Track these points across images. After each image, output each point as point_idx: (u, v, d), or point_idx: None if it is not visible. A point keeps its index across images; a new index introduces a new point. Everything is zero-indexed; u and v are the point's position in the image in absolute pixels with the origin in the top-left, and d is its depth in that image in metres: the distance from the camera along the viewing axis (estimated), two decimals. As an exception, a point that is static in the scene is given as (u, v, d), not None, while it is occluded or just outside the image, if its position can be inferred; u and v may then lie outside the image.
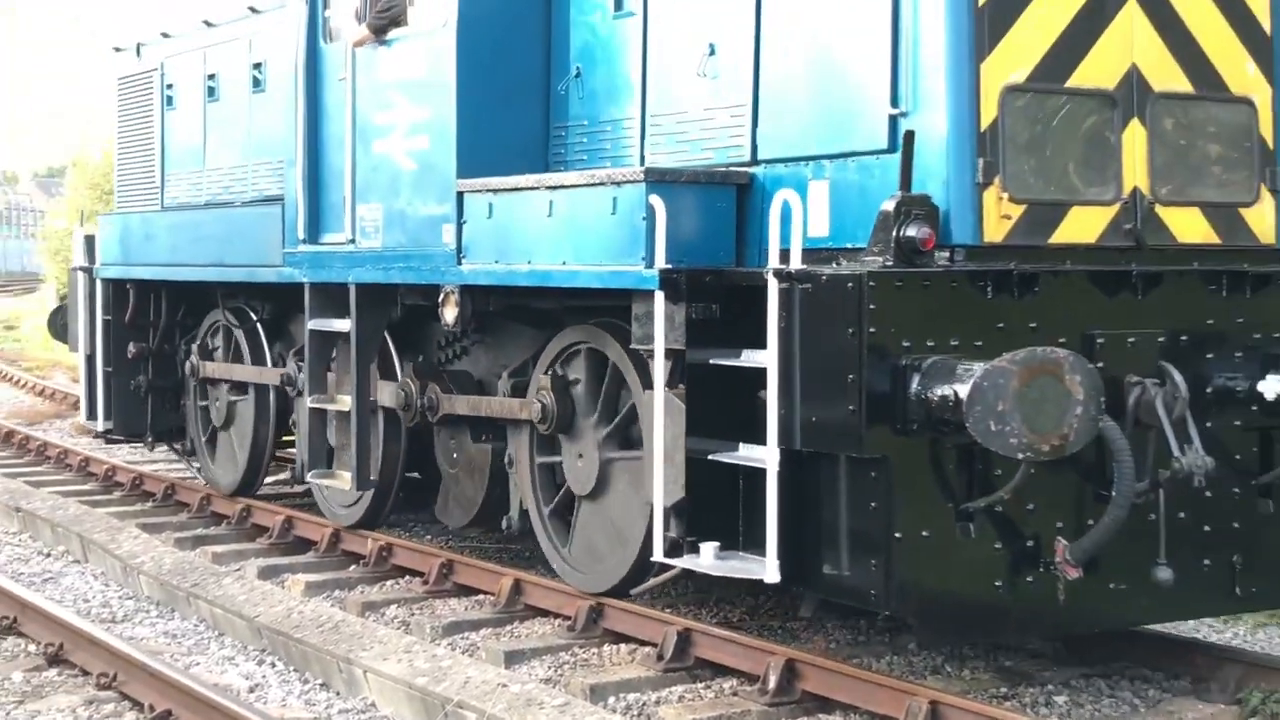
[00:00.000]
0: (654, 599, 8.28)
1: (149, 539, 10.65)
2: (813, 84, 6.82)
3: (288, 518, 10.65)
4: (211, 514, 11.60)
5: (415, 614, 8.61)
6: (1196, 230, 6.74)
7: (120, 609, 9.36)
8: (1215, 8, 6.75)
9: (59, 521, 11.44)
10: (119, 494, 12.91)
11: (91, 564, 10.66)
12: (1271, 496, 6.96)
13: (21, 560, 10.83)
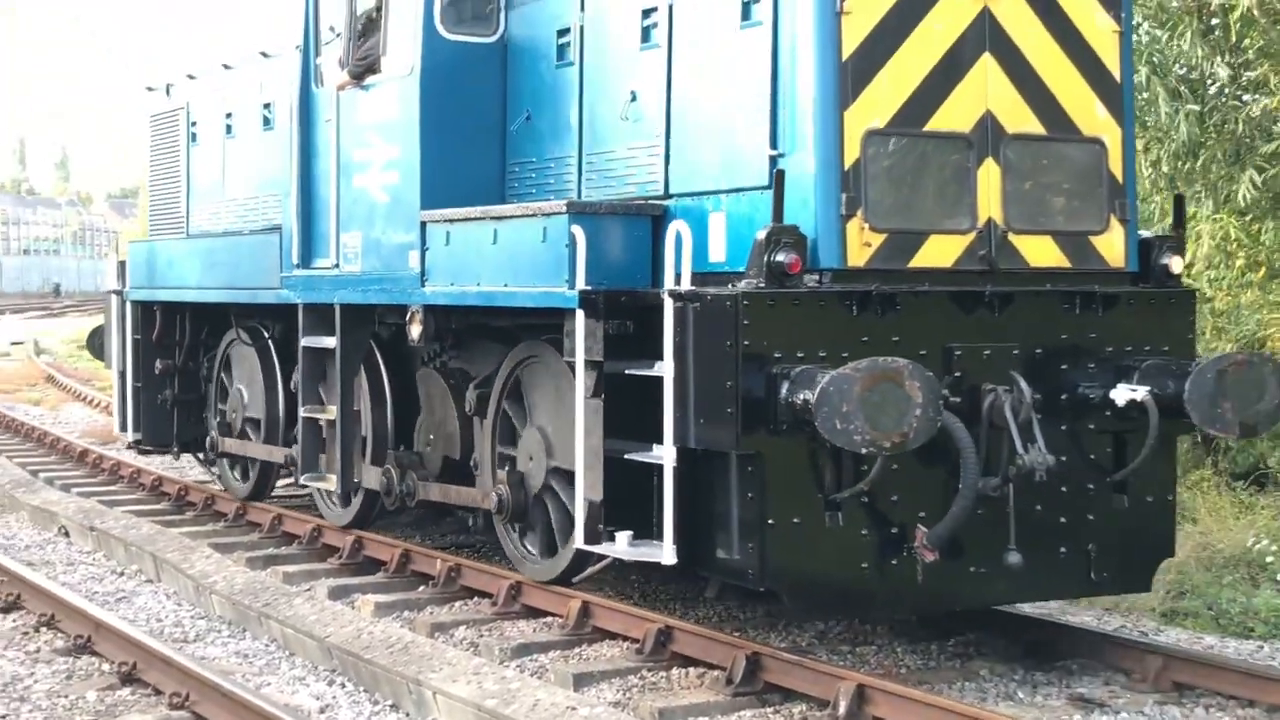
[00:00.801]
0: (722, 622, 8.54)
1: (221, 559, 10.56)
2: (711, 128, 7.70)
3: (358, 538, 10.64)
4: (283, 534, 11.61)
5: (484, 635, 8.59)
6: (1048, 256, 7.55)
7: (192, 628, 9.33)
8: (1066, 57, 7.56)
9: (132, 541, 11.35)
10: (191, 514, 12.97)
11: (164, 583, 10.62)
12: (1125, 492, 7.72)
13: (96, 579, 10.82)
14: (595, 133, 8.58)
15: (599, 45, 8.54)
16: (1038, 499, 7.48)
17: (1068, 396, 7.57)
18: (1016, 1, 7.44)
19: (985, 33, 7.37)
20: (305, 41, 10.77)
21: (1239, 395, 7.33)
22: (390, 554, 10.26)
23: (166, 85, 14.14)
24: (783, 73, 7.23)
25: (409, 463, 10.24)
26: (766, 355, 6.93)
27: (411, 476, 10.11)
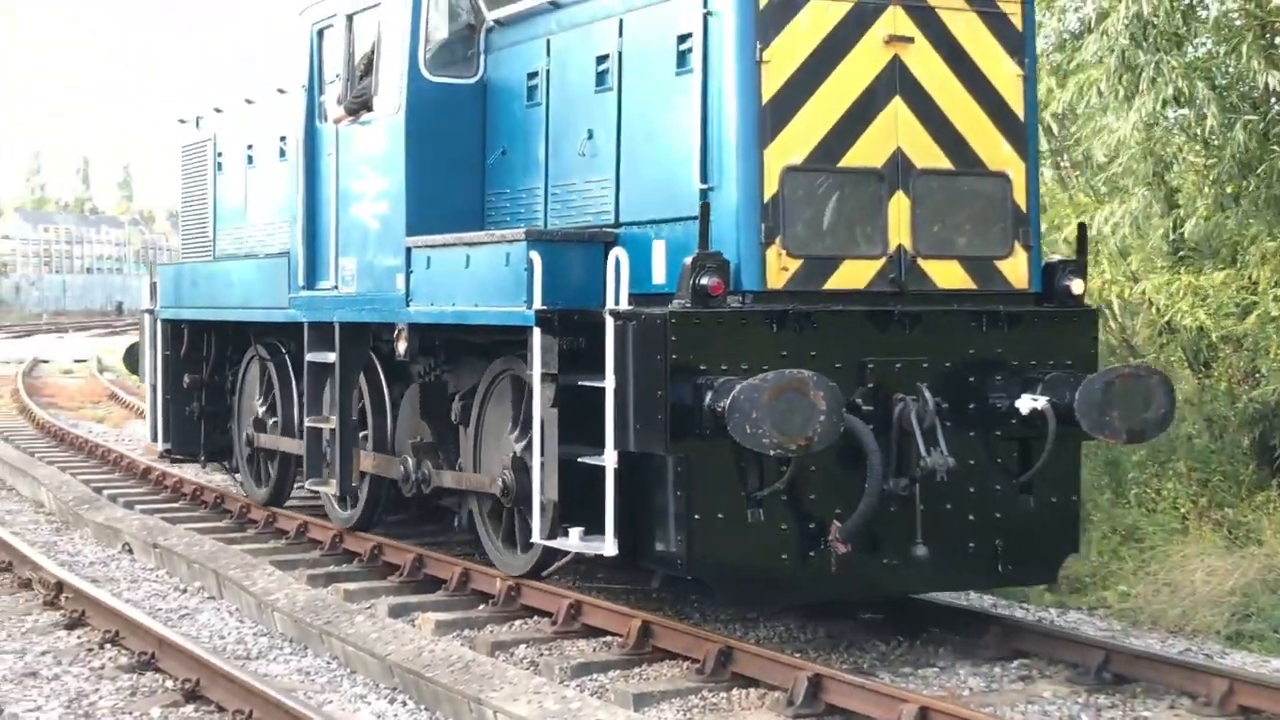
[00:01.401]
0: (783, 643, 8.70)
1: (282, 576, 10.51)
2: (654, 164, 8.45)
3: (418, 556, 10.62)
4: (343, 551, 11.61)
5: (544, 654, 8.58)
6: (955, 278, 8.25)
7: (255, 645, 9.32)
8: (972, 99, 8.26)
9: (195, 558, 11.37)
10: (253, 531, 12.97)
11: (226, 600, 10.62)
12: (1030, 493, 8.39)
13: (159, 596, 10.86)
14: (559, 166, 9.34)
15: (562, 87, 9.30)
16: (948, 498, 8.16)
17: (976, 406, 8.25)
18: (925, 50, 8.13)
19: (896, 78, 8.08)
20: (310, 80, 11.59)
21: (1126, 405, 7.99)
22: (450, 572, 10.22)
23: (196, 118, 15.02)
24: (711, 115, 7.97)
25: (425, 452, 10.79)
26: (693, 368, 7.66)
27: (427, 464, 10.67)
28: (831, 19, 7.95)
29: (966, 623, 8.87)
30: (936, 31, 8.17)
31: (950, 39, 8.20)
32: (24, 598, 10.55)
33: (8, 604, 10.36)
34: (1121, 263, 12.75)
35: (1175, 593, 9.64)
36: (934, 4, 8.18)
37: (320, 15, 11.43)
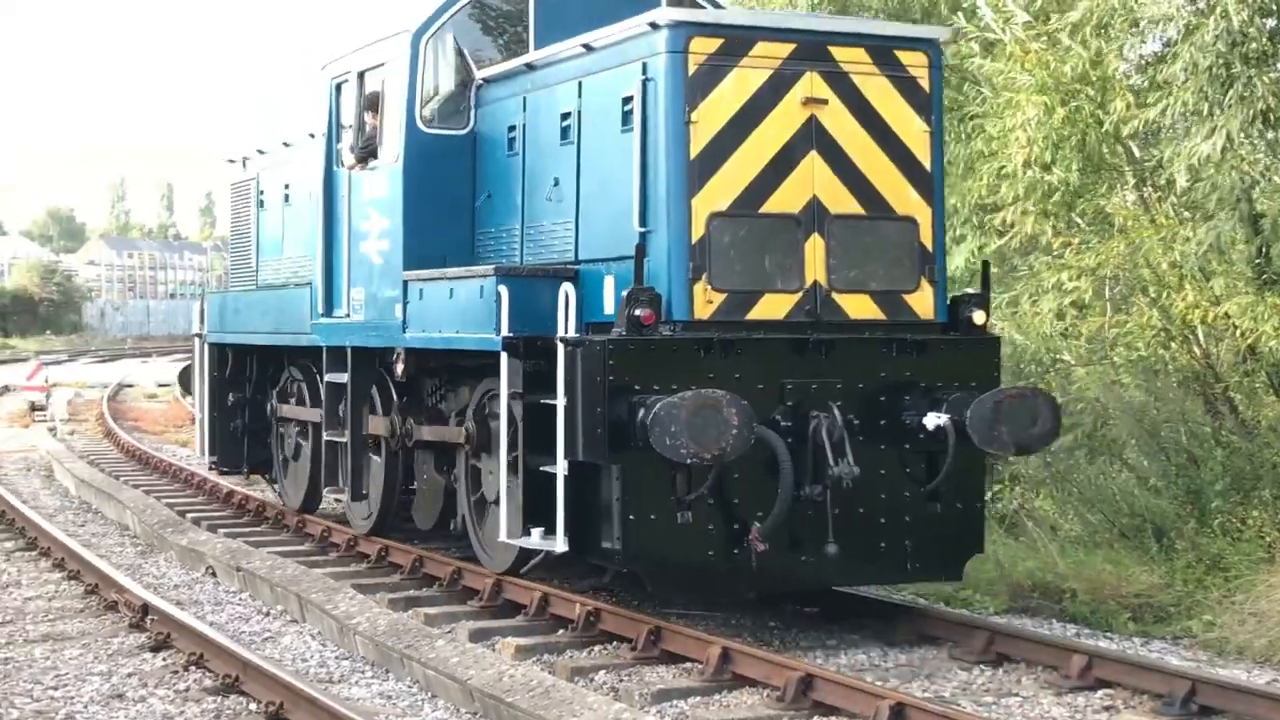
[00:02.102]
0: (863, 670, 8.77)
1: (364, 600, 10.44)
2: (605, 209, 9.45)
3: (497, 581, 10.59)
4: (424, 576, 11.53)
5: (624, 680, 8.54)
6: (866, 310, 9.19)
7: (337, 669, 9.28)
8: (883, 153, 9.20)
9: (277, 581, 11.30)
10: (334, 555, 12.84)
11: (309, 623, 10.55)
12: (937, 499, 9.29)
13: (242, 619, 10.83)
14: (532, 209, 10.37)
15: (534, 140, 10.34)
16: (862, 503, 9.09)
17: (887, 422, 9.18)
18: (839, 110, 9.08)
19: (812, 135, 9.04)
20: (328, 130, 12.69)
21: (1014, 421, 8.90)
22: (529, 597, 10.18)
23: (243, 158, 16.19)
24: (648, 167, 8.96)
25: (410, 411, 11.75)
26: (629, 388, 8.64)
27: (410, 422, 11.61)
28: (753, 84, 8.92)
29: (1049, 652, 8.81)
30: (849, 93, 9.11)
31: (862, 100, 9.14)
32: (110, 620, 10.59)
33: (94, 626, 10.44)
34: (1204, 286, 12.55)
35: (1262, 622, 9.42)
36: (847, 69, 9.12)
37: (337, 71, 12.53)
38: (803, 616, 10.01)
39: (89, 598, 11.34)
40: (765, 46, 8.97)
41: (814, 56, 9.05)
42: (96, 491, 17.08)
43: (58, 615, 10.83)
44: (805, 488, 8.87)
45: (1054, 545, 11.51)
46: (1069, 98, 12.36)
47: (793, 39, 9.04)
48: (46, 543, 13.50)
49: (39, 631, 10.25)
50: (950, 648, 9.22)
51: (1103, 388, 13.02)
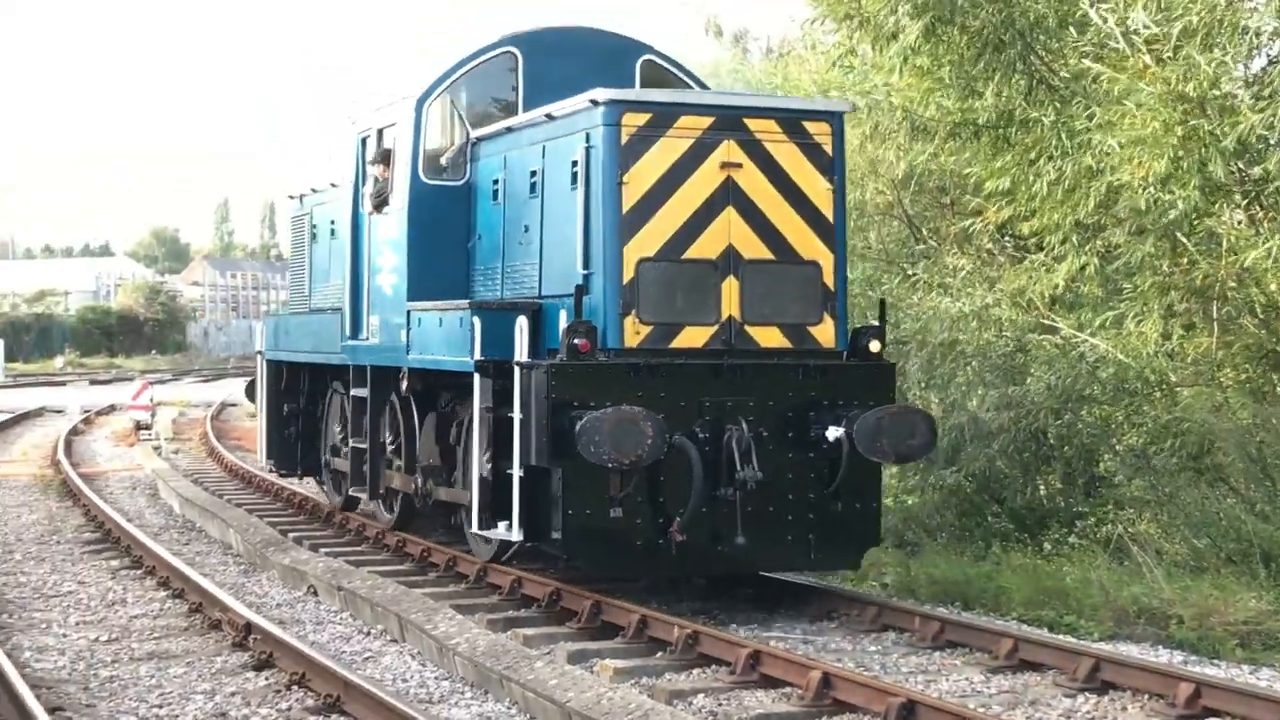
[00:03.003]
0: (965, 697, 8.74)
1: (463, 620, 10.39)
2: (559, 253, 10.94)
3: (596, 602, 10.59)
4: (522, 597, 11.51)
5: (723, 704, 8.48)
6: (775, 339, 10.59)
7: (437, 689, 9.24)
8: (790, 208, 10.59)
9: (378, 601, 11.29)
10: (433, 575, 12.80)
11: (408, 643, 10.54)
12: (838, 500, 10.64)
13: (343, 639, 10.84)
14: (509, 251, 11.89)
15: (512, 192, 11.86)
16: (773, 502, 10.47)
17: (795, 434, 10.56)
18: (753, 171, 10.50)
19: (729, 193, 10.48)
20: (355, 178, 14.31)
21: (894, 434, 10.25)
22: (628, 619, 10.18)
23: (300, 196, 17.88)
24: (590, 220, 10.45)
25: (430, 473, 13.14)
26: (568, 404, 10.10)
27: (430, 482, 13.10)
28: (677, 150, 10.37)
29: (1156, 680, 8.69)
30: (762, 157, 10.53)
31: (773, 162, 10.56)
32: (214, 638, 10.68)
33: (198, 645, 10.55)
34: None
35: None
36: (760, 137, 10.54)
37: (362, 127, 14.14)
38: (901, 642, 10.19)
39: (193, 616, 11.44)
40: (688, 119, 10.42)
41: (731, 127, 10.48)
42: (200, 510, 17.14)
43: (163, 633, 10.96)
44: (721, 489, 10.26)
45: (1159, 570, 11.22)
46: (1188, 115, 11.76)
47: (712, 113, 10.48)
48: (152, 561, 13.57)
49: (144, 650, 10.40)
50: (1054, 674, 9.14)
51: (1209, 410, 12.70)
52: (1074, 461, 14.33)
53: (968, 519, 14.66)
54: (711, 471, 10.27)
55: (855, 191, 16.33)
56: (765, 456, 10.34)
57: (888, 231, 17.46)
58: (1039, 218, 13.67)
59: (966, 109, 14.23)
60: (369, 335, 13.80)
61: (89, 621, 11.40)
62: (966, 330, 14.50)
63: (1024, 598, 11.21)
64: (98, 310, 75.95)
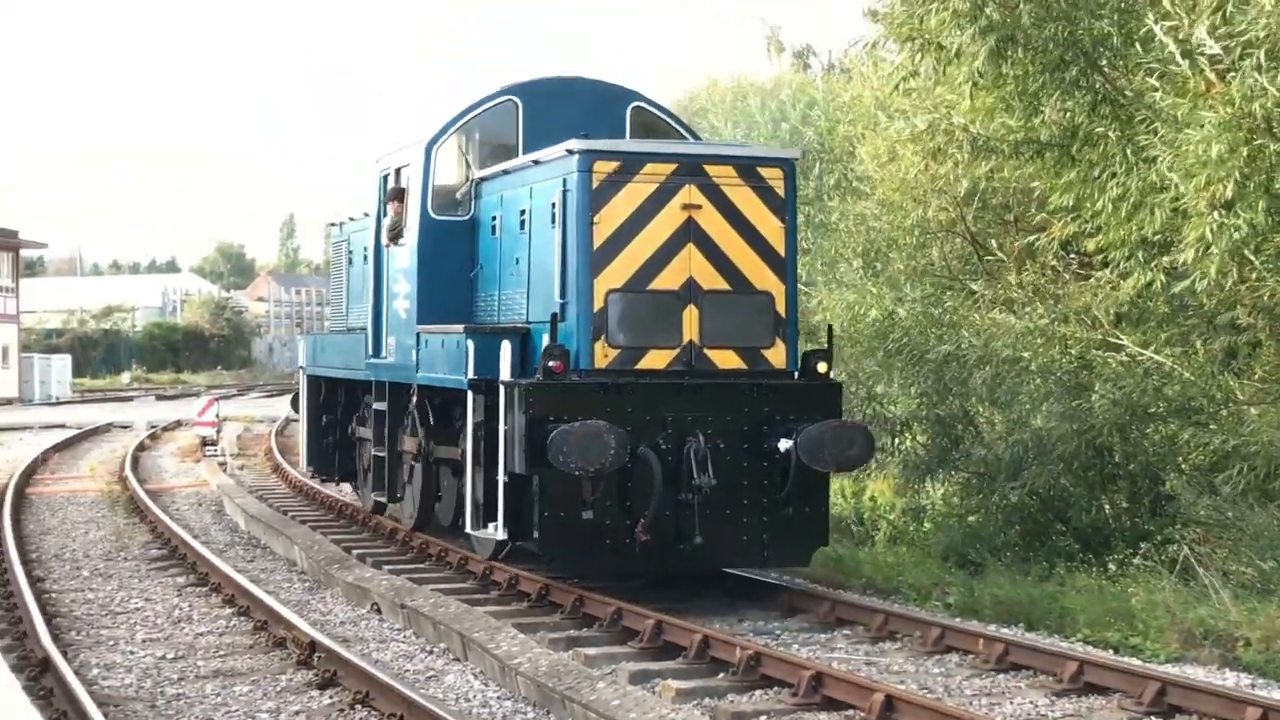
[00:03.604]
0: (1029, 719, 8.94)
1: (525, 639, 10.53)
2: (542, 284, 12.42)
3: (658, 622, 10.76)
4: (583, 616, 11.73)
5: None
6: (731, 361, 12.01)
7: (499, 709, 9.29)
8: (745, 244, 12.00)
9: (440, 619, 11.43)
10: (495, 593, 12.98)
11: (471, 662, 10.65)
12: (790, 504, 12.05)
13: (406, 657, 10.98)
14: (504, 281, 13.41)
15: (506, 228, 13.39)
16: (730, 506, 11.88)
17: (750, 446, 11.99)
18: (711, 212, 11.94)
19: (690, 232, 11.91)
20: (377, 211, 15.92)
21: (835, 446, 11.65)
22: (690, 640, 10.37)
23: (340, 224, 19.58)
24: (566, 255, 11.93)
25: (431, 435, 14.50)
26: (544, 419, 11.57)
27: (431, 441, 14.41)
28: (643, 194, 11.83)
29: (1223, 704, 8.75)
30: (720, 199, 11.97)
31: (730, 204, 11.99)
32: (278, 656, 10.85)
33: (263, 662, 10.71)
34: None
35: None
36: (718, 181, 11.99)
37: (384, 165, 15.75)
38: (964, 664, 10.40)
39: (258, 634, 11.64)
40: (654, 166, 11.89)
41: (692, 173, 11.93)
42: (265, 527, 17.44)
43: (228, 651, 11.19)
44: (682, 494, 11.72)
45: (1225, 592, 11.27)
46: (1253, 135, 11.83)
47: (675, 160, 11.95)
48: (217, 578, 13.88)
49: (210, 667, 10.63)
50: (1119, 698, 9.21)
51: (1276, 430, 12.74)
52: (1139, 480, 14.45)
53: (1031, 538, 14.88)
54: (673, 479, 11.69)
55: (916, 209, 17.05)
56: (722, 466, 11.74)
57: (950, 249, 17.71)
58: (1104, 234, 13.69)
59: (1029, 126, 14.35)
60: (387, 354, 15.39)
61: (155, 639, 11.71)
62: (1030, 347, 14.62)
63: (1089, 619, 11.39)
64: (164, 326, 78.05)
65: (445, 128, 14.36)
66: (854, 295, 16.88)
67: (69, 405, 54.37)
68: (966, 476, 16.03)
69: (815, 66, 35.26)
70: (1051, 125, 14.24)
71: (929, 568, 14.03)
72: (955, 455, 16.19)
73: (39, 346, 67.30)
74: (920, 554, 15.11)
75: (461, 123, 14.42)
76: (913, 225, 17.39)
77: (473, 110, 14.41)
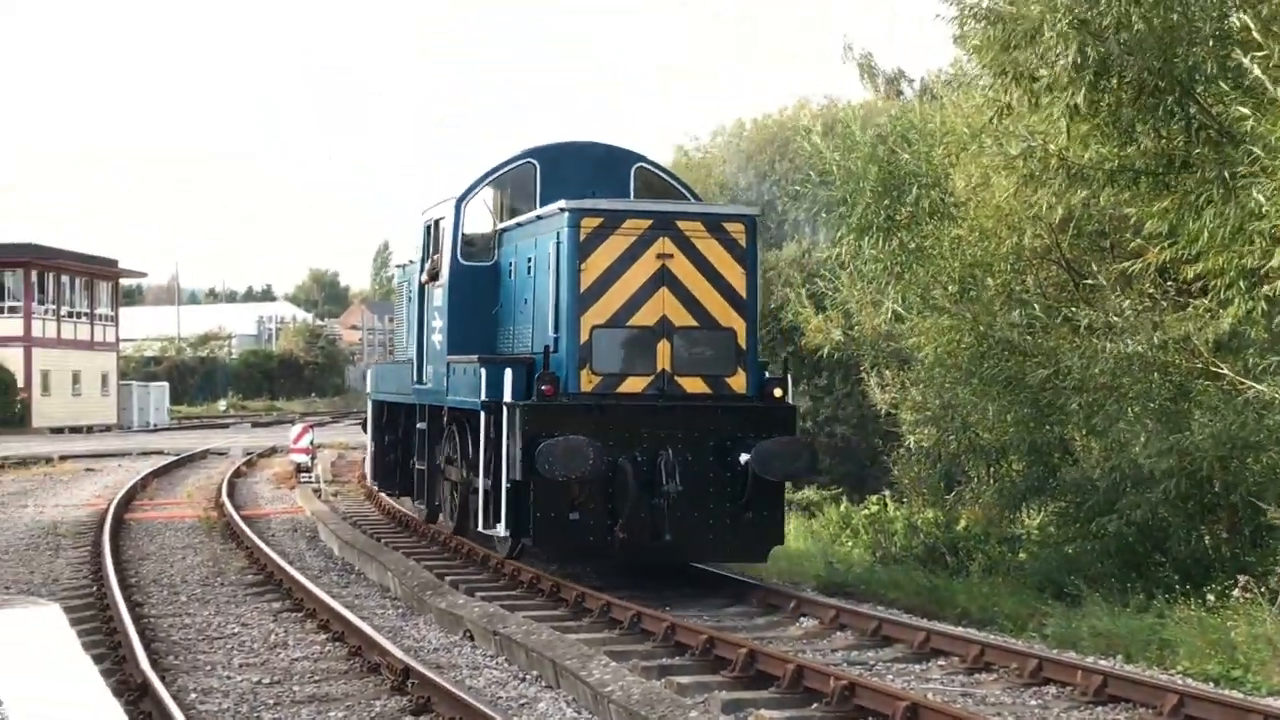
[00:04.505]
0: None
1: (617, 667, 10.75)
2: (542, 320, 15.40)
3: (750, 651, 11.00)
4: (675, 644, 12.11)
5: None
6: (699, 387, 14.88)
7: None
8: (711, 288, 14.87)
9: (533, 647, 11.78)
10: (587, 620, 13.66)
11: (563, 689, 10.95)
12: (749, 509, 14.85)
13: (499, 684, 11.29)
14: (516, 318, 16.43)
15: (519, 272, 16.41)
16: (698, 510, 14.71)
17: (715, 459, 14.82)
18: (682, 260, 14.82)
19: (663, 277, 14.81)
20: (421, 255, 19.06)
21: (782, 460, 14.46)
22: (783, 669, 10.64)
23: (403, 265, 22.81)
24: (559, 296, 14.89)
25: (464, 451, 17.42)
26: (538, 434, 14.51)
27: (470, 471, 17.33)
28: (623, 245, 14.75)
29: None
30: (689, 249, 14.86)
31: (698, 253, 14.88)
32: (373, 682, 11.28)
33: (357, 688, 11.14)
34: None
35: None
36: (688, 234, 14.87)
37: (428, 216, 18.88)
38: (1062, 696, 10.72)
39: (352, 659, 12.09)
40: (632, 222, 14.82)
41: (665, 227, 14.85)
42: (359, 553, 18.38)
43: (323, 676, 11.57)
44: (654, 499, 14.57)
45: None
46: None
47: (651, 218, 14.87)
48: (312, 604, 14.60)
49: (305, 692, 11.00)
50: None
51: None
52: (1240, 510, 14.60)
53: (1129, 568, 15.22)
54: (647, 486, 14.58)
55: (1011, 236, 17.67)
56: (689, 475, 14.59)
57: (1045, 275, 18.19)
58: (1203, 261, 13.96)
59: (1124, 154, 14.79)
60: (427, 380, 18.48)
61: (252, 664, 12.21)
62: (1129, 374, 14.88)
63: (1189, 651, 11.62)
64: (259, 354, 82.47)
65: (472, 186, 17.45)
66: (949, 321, 17.77)
67: (166, 432, 58.12)
68: (1063, 505, 16.72)
69: (908, 92, 37.53)
70: (1147, 154, 14.66)
71: (1025, 598, 14.71)
72: (1051, 483, 16.89)
73: (137, 374, 70.85)
74: (1015, 584, 15.75)
75: (487, 181, 17.51)
76: (1007, 252, 18.00)
77: (497, 171, 17.48)
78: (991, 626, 13.41)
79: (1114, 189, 15.07)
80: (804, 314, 23.38)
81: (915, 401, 19.85)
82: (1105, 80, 14.13)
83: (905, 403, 20.44)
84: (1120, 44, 13.81)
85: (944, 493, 21.81)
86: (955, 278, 18.30)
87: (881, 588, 15.95)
